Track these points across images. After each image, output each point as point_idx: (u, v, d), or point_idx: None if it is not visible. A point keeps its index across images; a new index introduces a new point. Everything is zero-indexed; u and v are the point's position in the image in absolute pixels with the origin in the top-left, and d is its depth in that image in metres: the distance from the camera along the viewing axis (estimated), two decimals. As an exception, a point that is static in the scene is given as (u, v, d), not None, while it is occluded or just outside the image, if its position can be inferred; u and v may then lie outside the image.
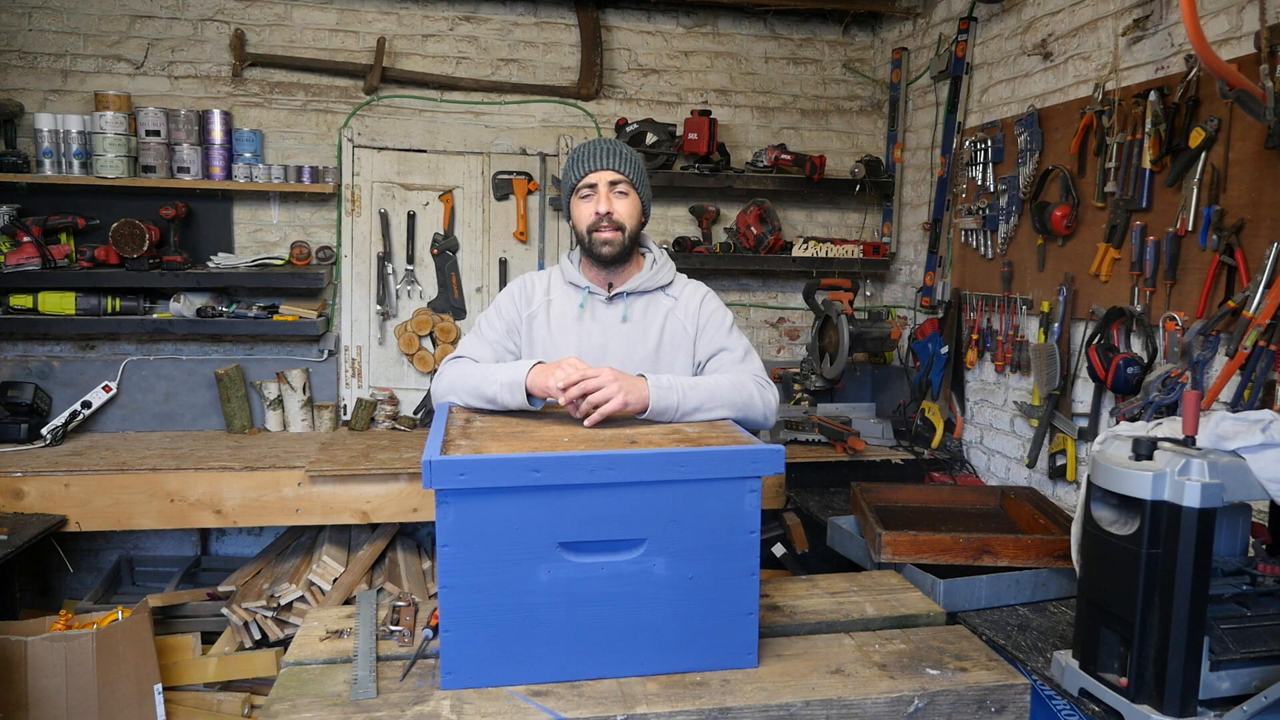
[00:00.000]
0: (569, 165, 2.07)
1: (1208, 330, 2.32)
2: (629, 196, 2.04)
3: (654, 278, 2.10)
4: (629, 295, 2.09)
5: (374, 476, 3.26)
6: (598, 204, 2.01)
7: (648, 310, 2.09)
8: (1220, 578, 1.64)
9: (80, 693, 2.76)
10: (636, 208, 2.06)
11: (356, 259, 3.92)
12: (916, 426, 3.74)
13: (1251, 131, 2.23)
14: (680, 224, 4.24)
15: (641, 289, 2.09)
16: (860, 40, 4.32)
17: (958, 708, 1.49)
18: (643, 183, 2.08)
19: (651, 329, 2.08)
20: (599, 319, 2.08)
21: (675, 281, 2.15)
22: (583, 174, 2.03)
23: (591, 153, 2.04)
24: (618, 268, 2.08)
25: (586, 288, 2.08)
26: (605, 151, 2.03)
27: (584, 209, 2.04)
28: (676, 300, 2.12)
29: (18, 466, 3.13)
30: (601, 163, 2.02)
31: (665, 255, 2.16)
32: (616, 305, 2.09)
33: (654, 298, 2.11)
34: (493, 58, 4.01)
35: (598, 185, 2.02)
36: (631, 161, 2.05)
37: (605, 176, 2.01)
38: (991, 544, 2.29)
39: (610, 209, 2.01)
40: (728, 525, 1.50)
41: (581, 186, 2.03)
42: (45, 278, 3.44)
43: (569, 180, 2.07)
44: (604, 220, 2.01)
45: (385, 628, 1.68)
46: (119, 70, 3.72)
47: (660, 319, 2.09)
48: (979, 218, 3.37)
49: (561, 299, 2.11)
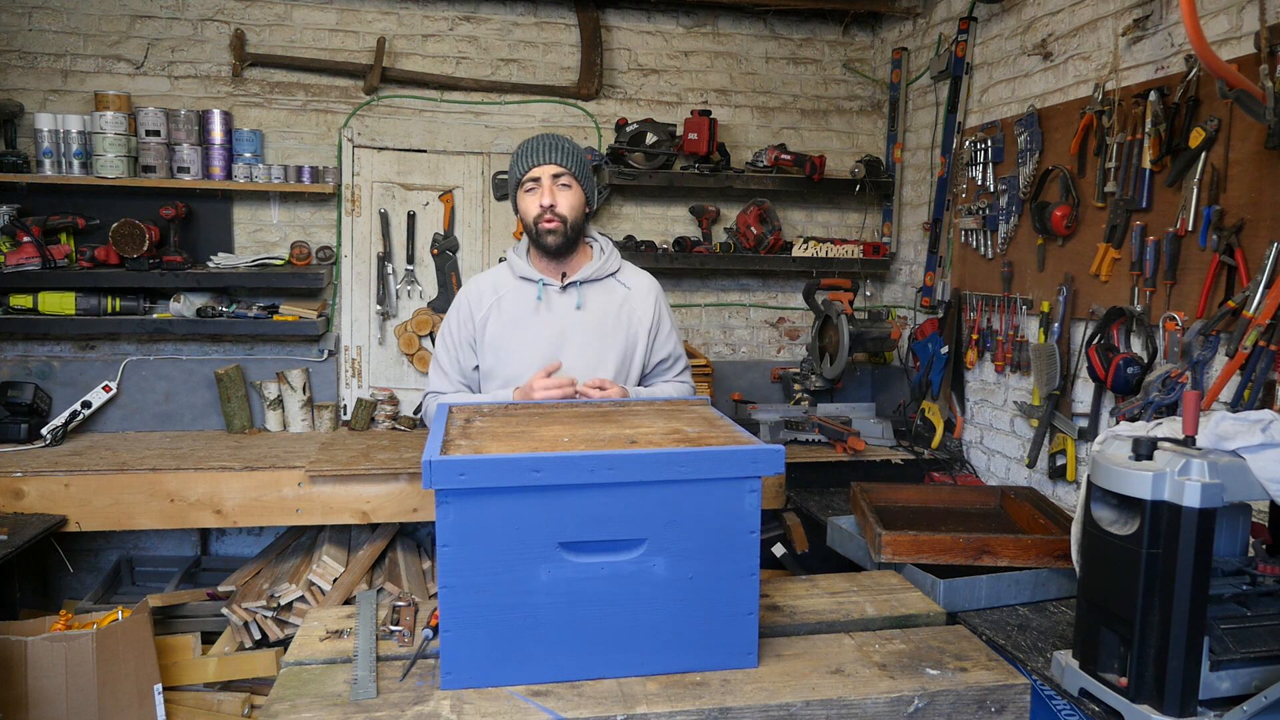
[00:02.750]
0: (514, 160, 2.19)
1: (1208, 330, 2.32)
2: (571, 189, 2.15)
3: (604, 266, 2.23)
4: (582, 283, 2.20)
5: (374, 476, 3.26)
6: (541, 197, 2.12)
7: (602, 297, 2.21)
8: (1220, 578, 1.64)
9: (80, 693, 2.76)
10: (579, 200, 2.17)
11: (356, 259, 3.92)
12: (916, 426, 3.74)
13: (1251, 131, 2.23)
14: (680, 224, 4.24)
15: (594, 276, 2.21)
16: (860, 40, 4.32)
17: (958, 708, 1.49)
18: (585, 175, 2.19)
19: (609, 315, 2.20)
20: (554, 309, 2.19)
21: (623, 268, 2.28)
22: (526, 168, 2.14)
23: (535, 148, 2.14)
24: (566, 257, 2.20)
25: (540, 280, 2.18)
26: (547, 146, 2.14)
27: (529, 201, 2.15)
28: (629, 289, 2.24)
29: (18, 466, 3.12)
30: (544, 157, 2.12)
31: (611, 243, 2.28)
32: (570, 294, 2.20)
33: (606, 285, 2.23)
34: (493, 58, 4.01)
35: (541, 179, 2.13)
36: (574, 155, 2.16)
37: (548, 170, 2.13)
38: (991, 544, 2.29)
39: (553, 201, 2.12)
40: (728, 525, 1.50)
41: (526, 180, 2.15)
42: (45, 278, 3.44)
43: (514, 174, 2.18)
44: (548, 212, 2.12)
45: (385, 628, 1.68)
46: (119, 70, 3.72)
47: (616, 305, 2.21)
48: (979, 218, 3.37)
49: (514, 294, 2.21)
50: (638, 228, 4.19)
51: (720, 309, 4.32)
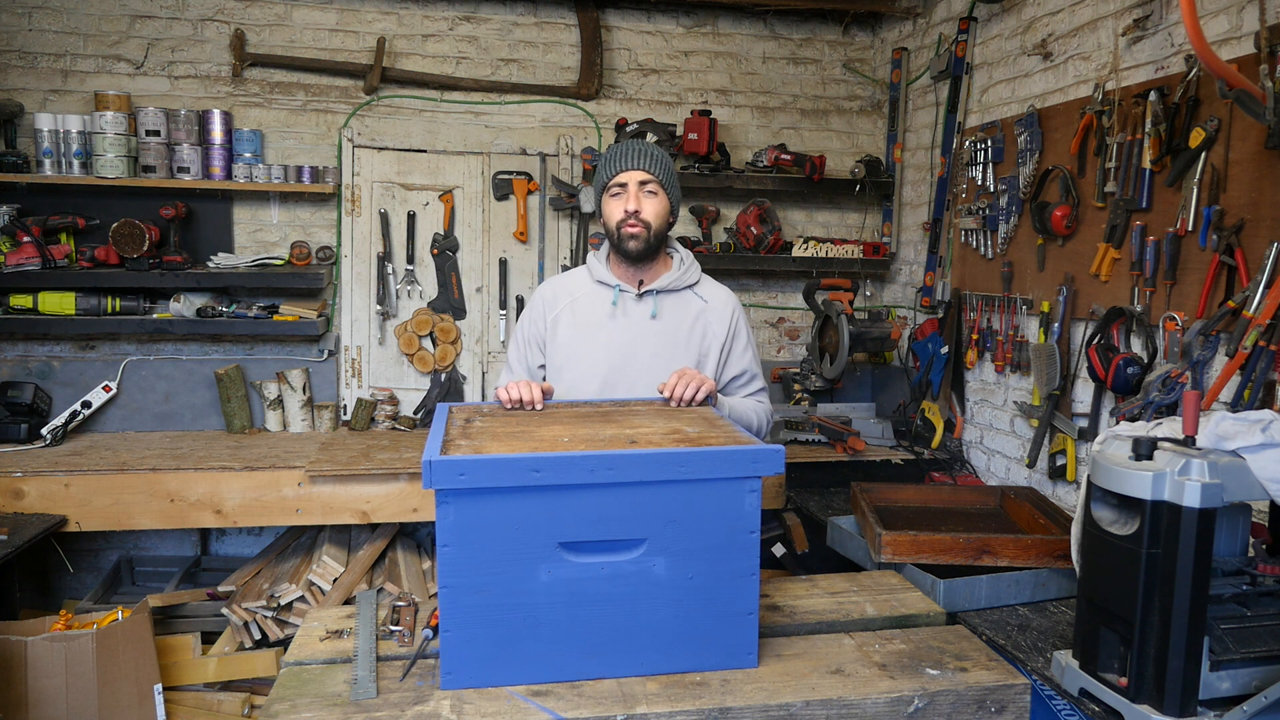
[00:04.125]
0: (602, 164, 2.16)
1: (1208, 330, 2.32)
2: (658, 196, 2.12)
3: (683, 277, 2.19)
4: (658, 293, 2.17)
5: (374, 476, 3.26)
6: (627, 202, 2.09)
7: (678, 308, 2.17)
8: (1220, 578, 1.64)
9: (80, 693, 2.76)
10: (665, 208, 2.13)
11: (356, 259, 3.92)
12: (916, 426, 3.74)
13: (1251, 131, 2.23)
14: (680, 224, 4.24)
15: (671, 287, 2.17)
16: (860, 40, 4.32)
17: (958, 708, 1.49)
18: (672, 184, 2.15)
19: (682, 326, 2.16)
20: (630, 315, 2.15)
21: (702, 282, 2.23)
22: (614, 172, 2.11)
23: (624, 153, 2.12)
24: (645, 265, 2.16)
25: (617, 286, 2.16)
26: (637, 152, 2.11)
27: (614, 206, 2.12)
28: (706, 302, 2.20)
29: (18, 466, 3.13)
30: (633, 163, 2.10)
31: (692, 257, 2.24)
32: (646, 302, 2.17)
33: (683, 296, 2.19)
34: (493, 58, 4.01)
35: (628, 184, 2.10)
36: (662, 163, 2.13)
37: (635, 176, 2.09)
38: (991, 544, 2.29)
39: (638, 207, 2.09)
40: (728, 525, 1.50)
41: (612, 185, 2.12)
42: (45, 278, 3.44)
43: (600, 179, 2.15)
44: (632, 218, 2.09)
45: (385, 628, 1.68)
46: (119, 70, 3.72)
47: (691, 317, 2.17)
48: (979, 218, 3.37)
49: (589, 297, 2.19)
50: (638, 228, 4.18)
51: (720, 309, 4.32)
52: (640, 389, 2.09)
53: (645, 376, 2.11)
